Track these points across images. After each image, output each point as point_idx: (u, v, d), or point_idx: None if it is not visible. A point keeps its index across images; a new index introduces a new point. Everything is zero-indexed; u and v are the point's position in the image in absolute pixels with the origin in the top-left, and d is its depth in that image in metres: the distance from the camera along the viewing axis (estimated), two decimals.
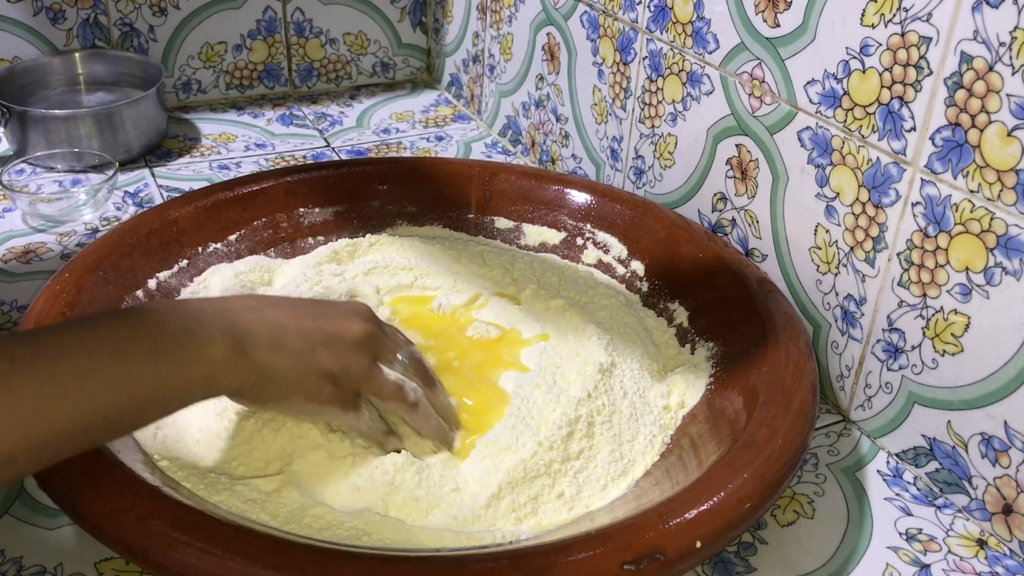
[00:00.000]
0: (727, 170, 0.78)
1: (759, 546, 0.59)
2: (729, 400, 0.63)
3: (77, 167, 0.98)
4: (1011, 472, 0.58)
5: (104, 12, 1.09)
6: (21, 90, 1.04)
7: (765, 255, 0.76)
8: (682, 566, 0.49)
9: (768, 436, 0.56)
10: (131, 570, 0.55)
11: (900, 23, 0.60)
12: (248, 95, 1.20)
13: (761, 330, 0.66)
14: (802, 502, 0.63)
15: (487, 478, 0.59)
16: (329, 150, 1.08)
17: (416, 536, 0.55)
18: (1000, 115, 0.55)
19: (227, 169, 1.02)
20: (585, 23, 0.92)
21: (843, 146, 0.66)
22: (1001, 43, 0.54)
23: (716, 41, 0.76)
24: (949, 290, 0.60)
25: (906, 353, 0.64)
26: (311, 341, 0.56)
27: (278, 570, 0.46)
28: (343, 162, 0.90)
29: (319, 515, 0.56)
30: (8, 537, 0.57)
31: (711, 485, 0.52)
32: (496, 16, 1.08)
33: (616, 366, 0.68)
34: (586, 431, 0.62)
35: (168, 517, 0.48)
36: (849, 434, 0.69)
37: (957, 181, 0.58)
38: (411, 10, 1.23)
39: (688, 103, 0.81)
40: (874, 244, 0.65)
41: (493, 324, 0.76)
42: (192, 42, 1.13)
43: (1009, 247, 0.56)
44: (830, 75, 0.66)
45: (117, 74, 1.09)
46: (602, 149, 0.94)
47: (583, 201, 0.84)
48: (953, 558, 0.59)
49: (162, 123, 1.05)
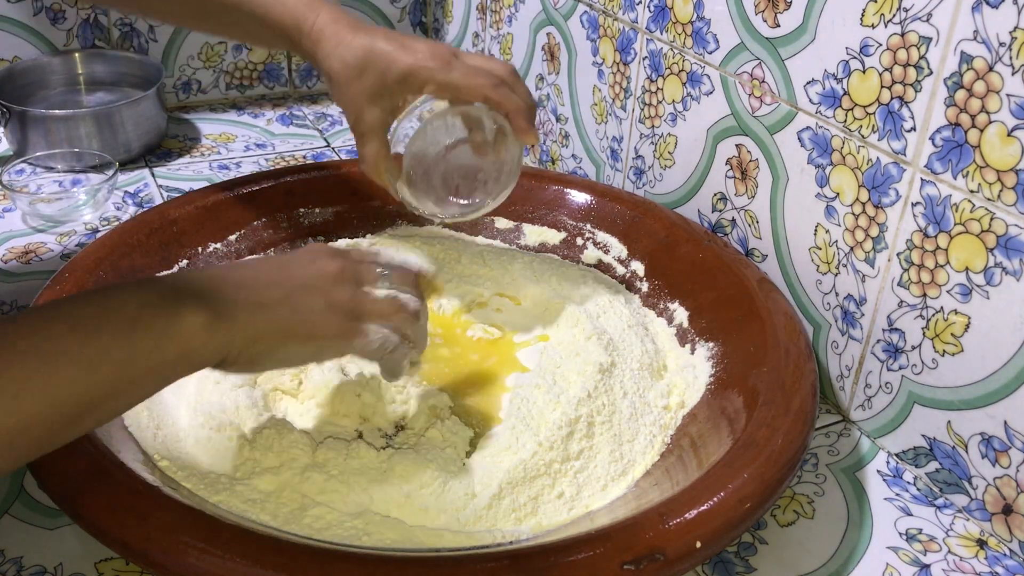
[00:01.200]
0: (727, 170, 0.78)
1: (759, 546, 0.59)
2: (729, 400, 0.63)
3: (77, 167, 0.98)
4: (1011, 472, 0.58)
5: (104, 12, 1.09)
6: (21, 90, 1.04)
7: (765, 255, 0.76)
8: (682, 566, 0.49)
9: (768, 436, 0.56)
10: (131, 570, 0.55)
11: (900, 23, 0.60)
12: (248, 95, 1.20)
13: (761, 330, 0.66)
14: (802, 502, 0.63)
15: (487, 478, 0.59)
16: (329, 150, 1.08)
17: (416, 536, 0.55)
18: (1000, 115, 0.55)
19: (227, 169, 1.02)
20: (585, 23, 0.92)
21: (843, 146, 0.66)
22: (1001, 43, 0.54)
23: (716, 41, 0.76)
24: (949, 290, 0.60)
25: (906, 353, 0.64)
26: (286, 289, 0.54)
27: (278, 570, 0.46)
28: (343, 162, 0.90)
29: (319, 515, 0.56)
30: (8, 537, 0.57)
31: (711, 485, 0.52)
32: (496, 16, 1.08)
33: (616, 366, 0.68)
34: (586, 431, 0.62)
35: (168, 517, 0.48)
36: (849, 434, 0.69)
37: (957, 181, 0.58)
38: (411, 10, 1.23)
39: (688, 103, 0.81)
40: (874, 244, 0.65)
41: (493, 325, 0.76)
42: (192, 42, 1.13)
43: (1009, 247, 0.56)
44: (830, 75, 0.66)
45: (117, 74, 1.09)
46: (602, 149, 0.94)
47: (583, 201, 0.84)
48: (953, 558, 0.59)
49: (162, 123, 1.05)
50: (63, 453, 0.52)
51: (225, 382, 0.65)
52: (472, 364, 0.72)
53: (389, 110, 0.67)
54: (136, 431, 0.60)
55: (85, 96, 1.08)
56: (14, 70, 1.04)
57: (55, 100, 1.06)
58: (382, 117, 0.67)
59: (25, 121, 0.97)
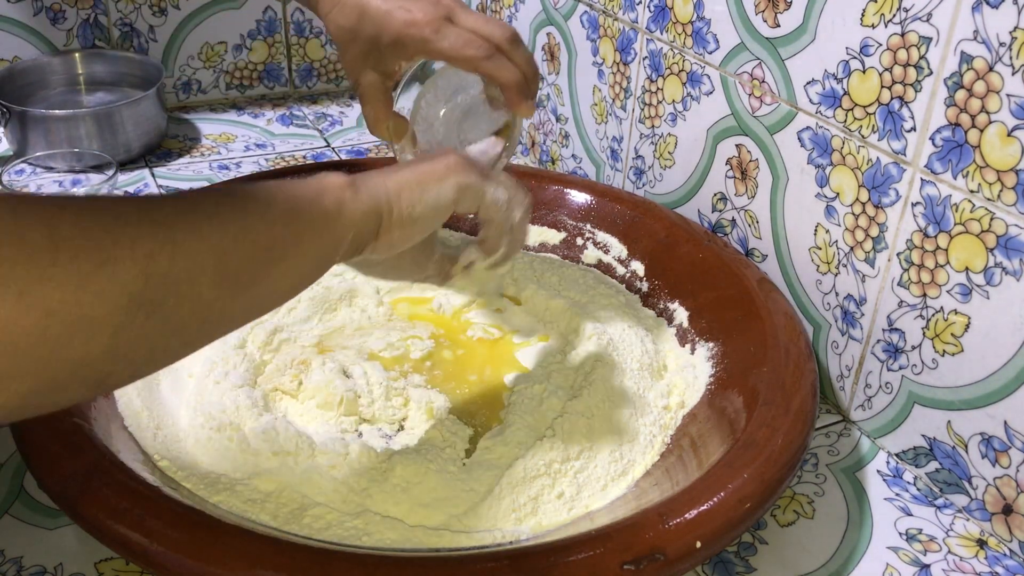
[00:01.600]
0: (727, 170, 0.78)
1: (759, 546, 0.59)
2: (729, 400, 0.63)
3: (77, 167, 0.98)
4: (1011, 472, 0.58)
5: (104, 12, 1.09)
6: (21, 90, 1.04)
7: (765, 255, 0.76)
8: (682, 566, 0.49)
9: (768, 436, 0.56)
10: (131, 570, 0.55)
11: (900, 23, 0.60)
12: (248, 95, 1.20)
13: (761, 330, 0.66)
14: (802, 502, 0.63)
15: (487, 478, 0.59)
16: (329, 150, 1.08)
17: (416, 536, 0.55)
18: (1000, 115, 0.55)
19: (227, 169, 1.02)
20: (585, 23, 0.92)
21: (843, 146, 0.66)
22: (1001, 43, 0.54)
23: (716, 41, 0.76)
24: (949, 290, 0.60)
25: (906, 353, 0.64)
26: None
27: (278, 570, 0.46)
28: (343, 162, 0.90)
29: (319, 515, 0.56)
30: (8, 537, 0.57)
31: (711, 485, 0.52)
32: (496, 16, 1.08)
33: (616, 366, 0.68)
34: (586, 431, 0.62)
35: (168, 517, 0.48)
36: (849, 434, 0.69)
37: (957, 181, 0.58)
38: None
39: (688, 103, 0.81)
40: (874, 244, 0.65)
41: (493, 325, 0.76)
42: (192, 42, 1.13)
43: (1009, 247, 0.56)
44: (830, 75, 0.66)
45: (117, 74, 1.09)
46: (602, 149, 0.94)
47: (583, 201, 0.84)
48: (953, 558, 0.59)
49: (162, 123, 1.05)
50: (63, 453, 0.52)
51: (225, 382, 0.66)
52: (472, 364, 0.72)
53: (386, 73, 0.66)
54: (136, 431, 0.60)
55: (85, 96, 1.08)
56: (14, 70, 1.04)
57: (55, 100, 1.06)
58: (379, 80, 0.66)
59: (25, 121, 0.97)
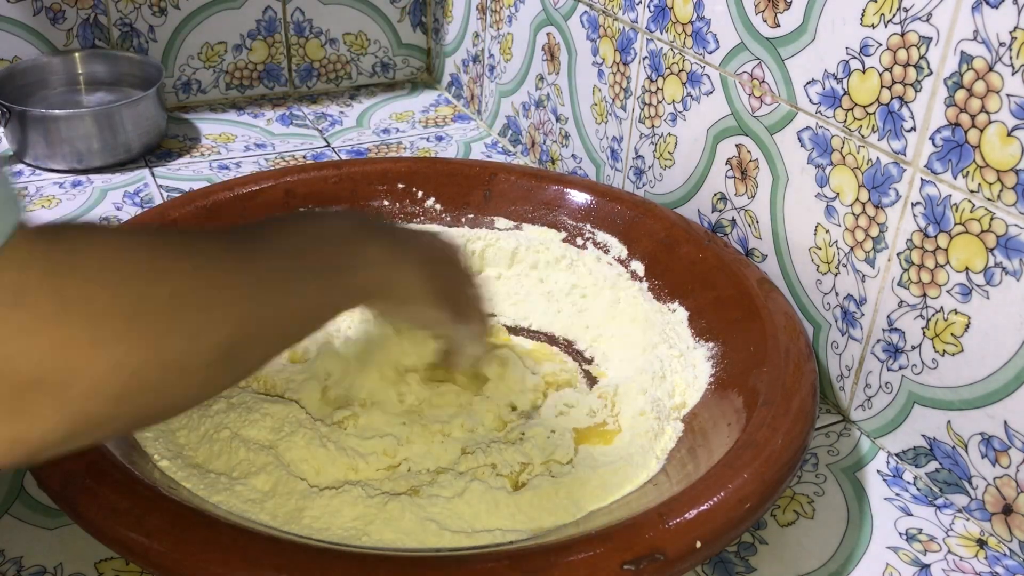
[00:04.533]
0: (727, 170, 0.78)
1: (759, 546, 0.59)
2: (729, 400, 0.63)
3: (77, 167, 0.98)
4: (1011, 472, 0.58)
5: (104, 12, 1.09)
6: (21, 90, 1.03)
7: (765, 255, 0.76)
8: (682, 566, 0.49)
9: (768, 436, 0.56)
10: (131, 570, 0.55)
11: (900, 23, 0.60)
12: (248, 95, 1.20)
13: (761, 330, 0.66)
14: (802, 502, 0.63)
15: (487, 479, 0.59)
16: (329, 150, 1.08)
17: (416, 536, 0.55)
18: (1000, 115, 0.55)
19: (227, 169, 1.02)
20: (585, 23, 0.92)
21: (843, 146, 0.66)
22: (1001, 43, 0.54)
23: (716, 41, 0.76)
24: (949, 290, 0.60)
25: (906, 353, 0.64)
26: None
27: (278, 570, 0.46)
28: (343, 162, 0.89)
29: (319, 515, 0.56)
30: (8, 537, 0.57)
31: (711, 485, 0.52)
32: (496, 16, 1.08)
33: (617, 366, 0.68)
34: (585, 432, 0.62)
35: (168, 517, 0.48)
36: (849, 434, 0.69)
37: (957, 181, 0.58)
38: (411, 10, 1.23)
39: (688, 103, 0.81)
40: (874, 244, 0.65)
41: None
42: (192, 42, 1.13)
43: (1009, 247, 0.56)
44: (830, 75, 0.66)
45: (117, 74, 1.09)
46: (602, 149, 0.94)
47: (583, 201, 0.84)
48: (953, 558, 0.59)
49: (162, 123, 1.05)
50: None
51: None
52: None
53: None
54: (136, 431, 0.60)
55: (85, 96, 1.08)
56: (14, 70, 1.04)
57: (55, 100, 1.06)
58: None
59: (25, 121, 0.97)
